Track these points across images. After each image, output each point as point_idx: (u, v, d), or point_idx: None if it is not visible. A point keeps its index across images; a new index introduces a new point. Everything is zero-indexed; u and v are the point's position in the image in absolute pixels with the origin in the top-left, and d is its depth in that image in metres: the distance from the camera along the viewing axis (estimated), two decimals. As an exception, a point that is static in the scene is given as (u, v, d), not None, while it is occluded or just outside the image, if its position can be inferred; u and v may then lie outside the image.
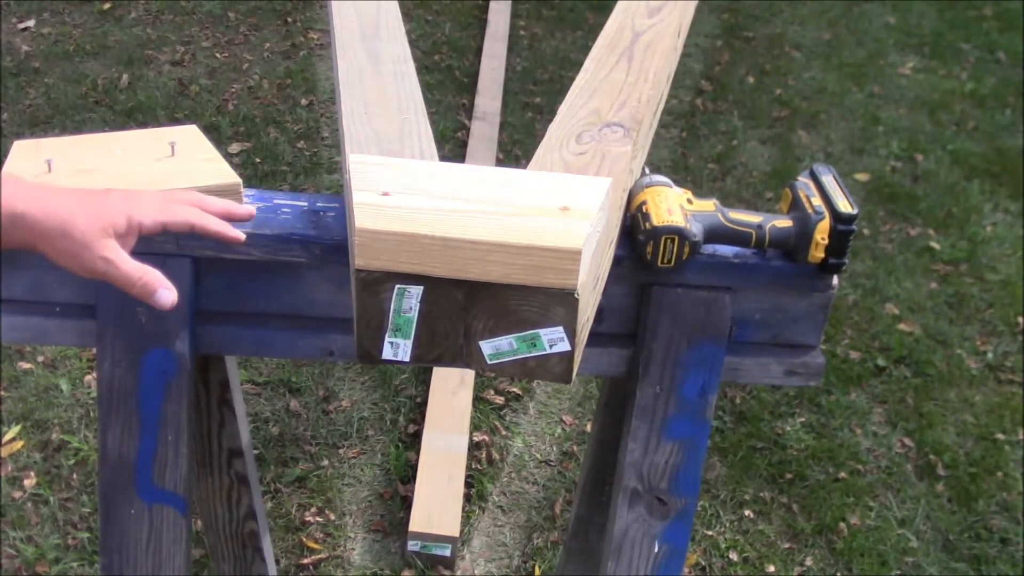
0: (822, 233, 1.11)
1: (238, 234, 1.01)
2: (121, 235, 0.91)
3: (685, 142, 4.15)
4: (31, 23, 4.59)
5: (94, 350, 1.17)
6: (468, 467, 2.47)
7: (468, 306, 0.89)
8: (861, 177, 3.98)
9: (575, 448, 2.62)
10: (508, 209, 0.90)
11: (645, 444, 1.21)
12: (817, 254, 1.12)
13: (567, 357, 0.91)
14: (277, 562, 2.19)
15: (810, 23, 5.38)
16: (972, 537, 2.45)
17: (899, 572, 2.36)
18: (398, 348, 0.92)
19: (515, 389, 2.78)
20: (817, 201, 1.13)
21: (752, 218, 1.13)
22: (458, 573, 2.27)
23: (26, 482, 2.36)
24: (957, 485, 2.59)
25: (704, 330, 1.18)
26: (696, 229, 1.09)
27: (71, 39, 4.47)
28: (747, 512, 2.47)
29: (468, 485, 2.44)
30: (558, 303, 0.88)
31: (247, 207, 1.05)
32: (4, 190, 0.86)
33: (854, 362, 2.98)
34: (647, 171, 1.20)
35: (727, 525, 2.43)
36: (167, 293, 0.93)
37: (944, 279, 3.40)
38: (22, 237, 0.87)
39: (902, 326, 3.14)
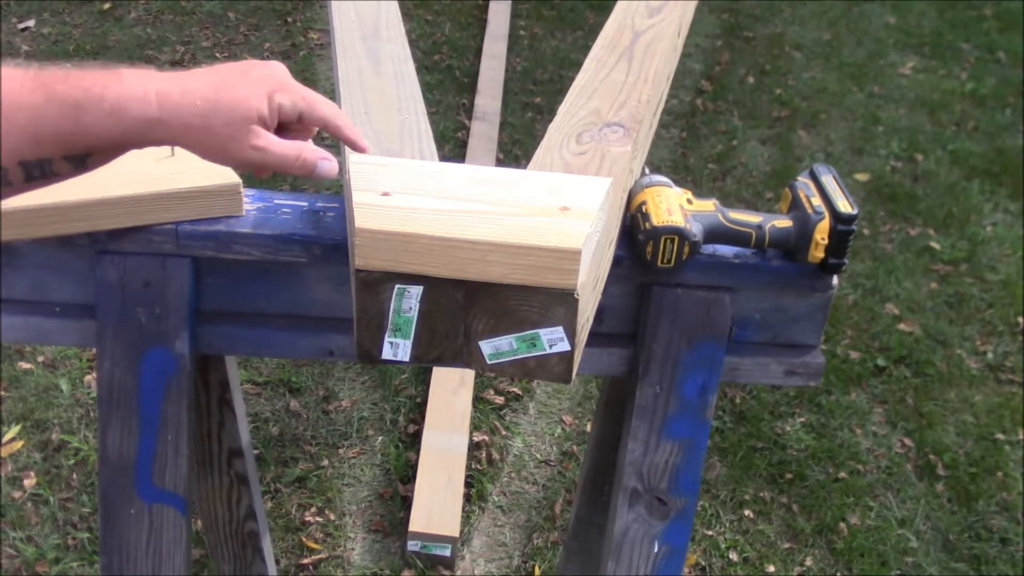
0: (822, 233, 1.11)
1: (366, 144, 0.98)
2: (264, 120, 0.87)
3: (685, 142, 4.15)
4: (31, 23, 4.59)
5: (94, 350, 1.17)
6: (468, 467, 2.47)
7: (468, 306, 0.89)
8: (861, 177, 3.98)
9: (575, 448, 2.62)
10: (508, 209, 0.90)
11: (645, 444, 1.21)
12: (817, 254, 1.12)
13: (567, 357, 0.91)
14: (277, 562, 2.19)
15: (810, 23, 5.38)
16: (972, 537, 2.45)
17: (899, 572, 2.36)
18: (398, 348, 0.92)
19: (515, 389, 2.78)
20: (817, 201, 1.13)
21: (752, 218, 1.13)
22: (458, 573, 2.27)
23: (26, 482, 2.36)
24: (957, 485, 2.59)
25: (704, 330, 1.18)
26: (696, 229, 1.09)
27: (71, 39, 4.47)
28: (747, 512, 2.47)
29: (468, 485, 2.44)
30: (558, 303, 0.88)
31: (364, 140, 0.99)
32: (136, 88, 0.80)
33: (854, 362, 2.98)
34: (647, 171, 1.20)
35: (727, 525, 2.43)
36: (328, 164, 0.90)
37: (944, 279, 3.40)
38: (161, 138, 0.83)
39: (902, 326, 3.14)
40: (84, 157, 0.80)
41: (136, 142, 0.82)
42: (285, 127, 0.91)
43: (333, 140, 0.97)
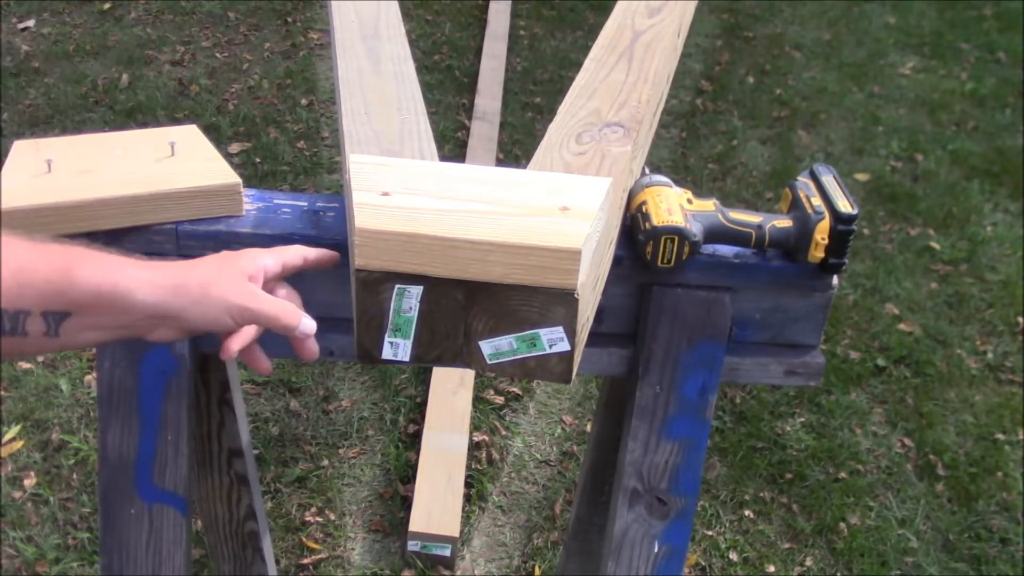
0: (822, 233, 1.11)
1: (335, 255, 1.03)
2: (254, 278, 0.91)
3: (685, 142, 4.15)
4: (31, 23, 4.59)
5: (94, 350, 1.17)
6: (468, 467, 2.47)
7: (468, 306, 0.89)
8: (861, 177, 3.98)
9: (575, 448, 2.62)
10: (508, 209, 0.90)
11: (645, 444, 1.21)
12: (817, 254, 1.12)
13: (567, 357, 0.91)
14: (277, 562, 2.19)
15: (810, 23, 5.38)
16: (972, 537, 2.45)
17: (899, 572, 2.36)
18: (398, 348, 0.92)
19: (515, 389, 2.78)
20: (817, 201, 1.13)
21: (752, 218, 1.13)
22: (458, 573, 2.27)
23: (26, 482, 2.36)
24: (957, 485, 2.59)
25: (704, 330, 1.18)
26: (696, 229, 1.09)
27: (71, 39, 4.47)
28: (747, 512, 2.47)
29: (468, 485, 2.44)
30: (558, 303, 0.88)
31: (333, 252, 1.04)
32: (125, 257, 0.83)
33: (854, 362, 2.98)
34: (647, 171, 1.20)
35: (727, 525, 2.43)
36: (308, 321, 0.94)
37: (944, 279, 3.40)
38: (148, 294, 0.83)
39: (902, 326, 3.14)
40: (62, 317, 0.80)
41: (124, 299, 0.82)
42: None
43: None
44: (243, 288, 0.88)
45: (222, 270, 0.88)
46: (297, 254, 0.96)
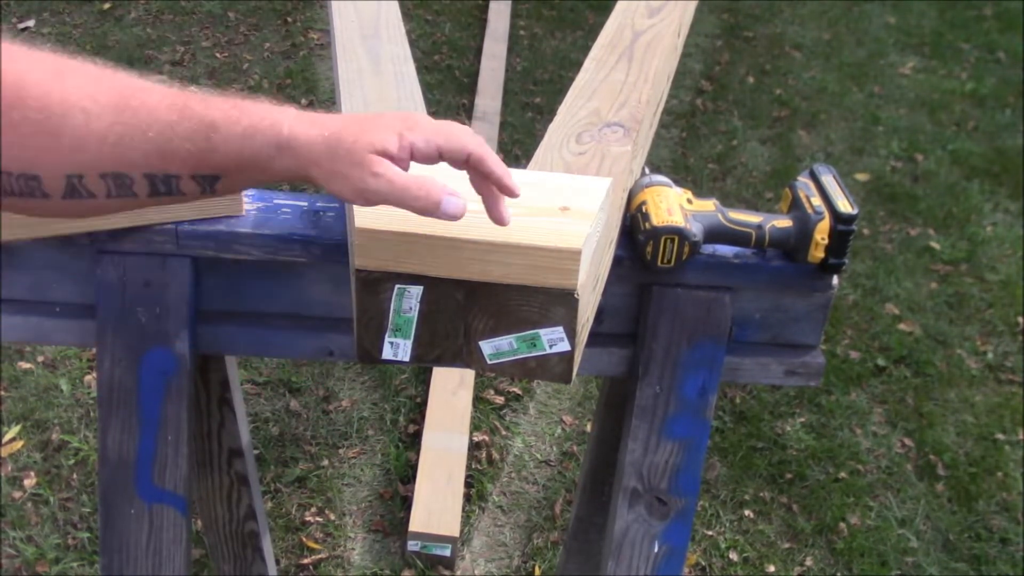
0: (822, 233, 1.11)
1: (516, 186, 0.86)
2: (393, 155, 0.81)
3: (685, 142, 4.15)
4: (31, 23, 4.59)
5: (94, 350, 1.17)
6: (468, 467, 2.47)
7: (468, 306, 0.89)
8: (861, 177, 3.98)
9: (575, 448, 2.62)
10: (508, 209, 0.90)
11: (645, 444, 1.21)
12: (817, 254, 1.12)
13: (567, 357, 0.91)
14: (277, 562, 2.19)
15: (810, 23, 5.38)
16: (972, 537, 2.45)
17: (899, 572, 2.36)
18: (398, 348, 0.92)
19: (515, 389, 2.78)
20: (817, 201, 1.13)
21: (752, 218, 1.13)
22: (458, 573, 2.27)
23: (26, 482, 2.36)
24: (957, 485, 2.59)
25: (704, 330, 1.18)
26: (696, 229, 1.09)
27: (71, 39, 4.47)
28: (747, 512, 2.47)
29: (468, 485, 2.44)
30: (558, 303, 0.88)
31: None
32: (270, 115, 0.80)
33: (854, 362, 2.98)
34: (647, 171, 1.20)
35: (727, 525, 2.43)
36: (455, 201, 0.81)
37: (944, 279, 3.40)
38: (288, 166, 0.81)
39: (902, 326, 3.14)
40: (213, 179, 0.80)
41: (263, 166, 0.80)
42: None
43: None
44: (373, 169, 0.80)
45: (356, 146, 0.81)
46: (462, 147, 0.83)
